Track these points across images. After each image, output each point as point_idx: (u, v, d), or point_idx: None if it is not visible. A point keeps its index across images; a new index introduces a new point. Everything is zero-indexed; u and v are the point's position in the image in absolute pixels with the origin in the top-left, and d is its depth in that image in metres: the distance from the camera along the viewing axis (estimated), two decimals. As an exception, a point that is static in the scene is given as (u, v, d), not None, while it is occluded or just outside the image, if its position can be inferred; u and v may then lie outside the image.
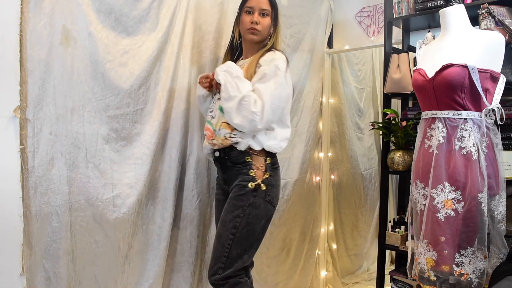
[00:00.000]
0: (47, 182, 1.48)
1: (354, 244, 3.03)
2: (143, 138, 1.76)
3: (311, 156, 2.67)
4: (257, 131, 1.63)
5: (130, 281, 1.77)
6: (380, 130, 2.32)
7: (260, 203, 1.64)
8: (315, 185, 2.76)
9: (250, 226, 1.63)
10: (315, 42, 2.67)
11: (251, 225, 1.63)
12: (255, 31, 1.70)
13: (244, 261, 1.65)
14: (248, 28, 1.70)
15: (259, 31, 1.70)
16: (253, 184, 1.63)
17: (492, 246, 1.65)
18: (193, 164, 1.94)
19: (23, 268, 1.44)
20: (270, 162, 1.69)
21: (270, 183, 1.67)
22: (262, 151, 1.68)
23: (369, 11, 2.76)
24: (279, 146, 1.71)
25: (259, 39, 1.73)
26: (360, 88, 2.98)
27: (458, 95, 1.62)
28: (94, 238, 1.63)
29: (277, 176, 1.73)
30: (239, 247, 1.63)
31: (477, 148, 1.60)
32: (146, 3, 1.74)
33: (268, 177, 1.66)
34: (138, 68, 1.72)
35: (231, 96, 1.58)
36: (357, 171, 2.96)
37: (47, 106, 1.47)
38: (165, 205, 1.84)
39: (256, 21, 1.68)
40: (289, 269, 2.58)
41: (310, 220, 2.72)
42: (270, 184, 1.67)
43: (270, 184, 1.67)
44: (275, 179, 1.70)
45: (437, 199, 1.63)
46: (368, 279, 3.06)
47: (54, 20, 1.47)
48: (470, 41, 1.68)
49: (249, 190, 1.63)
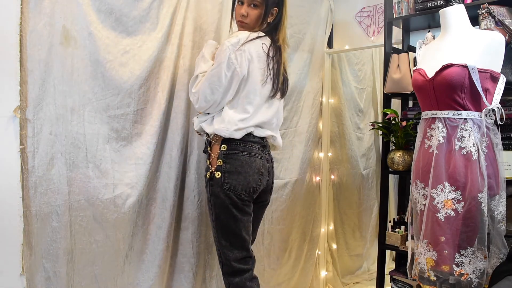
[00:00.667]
0: (47, 182, 1.48)
1: (354, 244, 3.03)
2: (144, 138, 1.76)
3: (311, 156, 2.67)
4: (201, 110, 1.68)
5: (130, 281, 1.77)
6: (380, 130, 2.32)
7: (219, 191, 1.61)
8: (315, 185, 2.76)
9: (220, 216, 1.64)
10: (315, 42, 2.67)
11: (221, 215, 1.63)
12: (243, 23, 1.69)
13: (236, 254, 1.65)
14: (238, 20, 1.72)
15: (247, 23, 1.69)
16: (208, 174, 1.64)
17: (492, 246, 1.65)
18: (194, 164, 1.94)
19: (23, 268, 1.44)
20: (225, 149, 1.63)
21: (226, 170, 1.61)
22: (220, 139, 1.65)
23: (369, 11, 2.76)
24: (226, 128, 1.61)
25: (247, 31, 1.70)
26: (360, 88, 2.98)
27: (458, 95, 1.62)
28: (94, 238, 1.63)
29: (237, 162, 1.62)
30: (222, 239, 1.64)
31: (477, 148, 1.60)
32: (146, 3, 1.74)
33: (221, 164, 1.62)
34: (138, 68, 1.72)
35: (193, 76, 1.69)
36: (357, 171, 2.96)
37: (47, 106, 1.47)
38: (165, 205, 1.84)
39: (244, 13, 1.66)
40: (289, 269, 2.57)
41: (310, 220, 2.72)
42: (227, 171, 1.61)
43: (227, 171, 1.61)
44: (233, 165, 1.62)
45: (437, 199, 1.64)
46: (369, 279, 3.06)
47: (54, 20, 1.47)
48: (470, 41, 1.68)
49: (207, 180, 1.65)
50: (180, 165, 1.88)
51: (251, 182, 1.64)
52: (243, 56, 1.60)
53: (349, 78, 2.92)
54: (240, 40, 1.61)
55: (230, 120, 1.62)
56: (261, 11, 1.67)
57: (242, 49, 1.60)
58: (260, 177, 1.67)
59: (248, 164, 1.64)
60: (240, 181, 1.62)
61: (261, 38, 1.67)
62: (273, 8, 1.69)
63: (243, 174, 1.62)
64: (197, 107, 1.67)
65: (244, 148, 1.65)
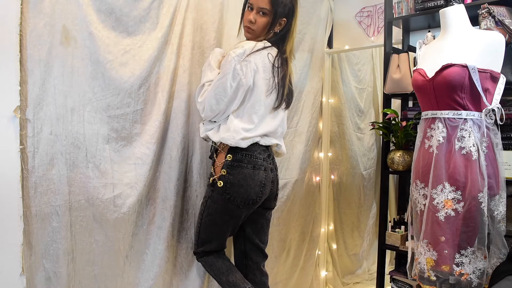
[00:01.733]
0: (47, 182, 1.48)
1: (354, 244, 3.03)
2: (143, 138, 1.75)
3: (311, 156, 2.67)
4: (207, 119, 1.71)
5: (131, 281, 1.77)
6: (380, 130, 2.32)
7: (218, 198, 1.67)
8: (315, 185, 2.76)
9: (211, 216, 1.71)
10: (315, 42, 2.67)
11: (212, 216, 1.71)
12: (249, 30, 1.70)
13: (212, 247, 1.77)
14: (244, 25, 1.73)
15: (253, 30, 1.69)
16: (211, 179, 1.70)
17: (492, 246, 1.65)
18: (197, 164, 1.94)
19: (23, 268, 1.44)
20: (231, 159, 1.65)
21: (229, 181, 1.64)
22: (226, 147, 1.67)
23: (369, 11, 2.76)
24: (232, 137, 1.62)
25: (253, 38, 1.72)
26: (360, 88, 2.98)
27: (458, 95, 1.62)
28: (94, 238, 1.63)
29: (240, 175, 1.65)
30: (204, 233, 1.75)
31: (477, 148, 1.60)
32: (146, 3, 1.74)
33: (225, 174, 1.65)
34: (138, 68, 1.72)
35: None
36: (357, 171, 2.96)
37: (47, 106, 1.47)
38: (165, 205, 1.84)
39: (252, 20, 1.67)
40: (289, 269, 2.57)
41: (310, 220, 2.72)
42: (230, 183, 1.64)
43: (229, 183, 1.64)
44: (236, 178, 1.64)
45: (437, 199, 1.64)
46: (369, 279, 3.06)
47: (55, 20, 1.47)
48: (470, 41, 1.68)
49: (209, 184, 1.72)
50: (180, 165, 1.88)
51: (252, 194, 1.67)
52: (249, 67, 1.61)
53: (349, 78, 2.92)
54: (245, 51, 1.61)
55: (235, 129, 1.64)
56: (269, 19, 1.67)
57: (248, 59, 1.61)
58: (262, 189, 1.70)
59: (251, 177, 1.66)
60: (241, 193, 1.65)
61: (267, 49, 1.67)
62: (281, 19, 1.68)
63: (245, 187, 1.65)
64: (203, 116, 1.70)
65: (249, 161, 1.67)
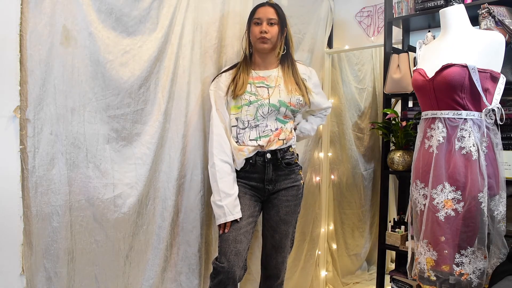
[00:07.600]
0: (48, 182, 1.48)
1: (355, 244, 3.03)
2: (144, 138, 1.75)
3: (311, 156, 2.67)
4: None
5: (131, 281, 1.77)
6: (380, 130, 2.32)
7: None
8: (315, 185, 2.76)
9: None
10: (315, 42, 2.66)
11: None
12: (265, 39, 1.79)
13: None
14: (258, 38, 1.80)
15: (269, 38, 1.80)
16: (302, 183, 1.94)
17: (492, 246, 1.65)
18: (199, 164, 1.94)
19: (23, 268, 1.44)
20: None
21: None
22: (294, 153, 1.92)
23: (369, 11, 2.76)
24: (293, 141, 1.95)
25: (270, 47, 1.82)
26: (360, 88, 2.98)
27: (458, 95, 1.62)
28: (95, 238, 1.63)
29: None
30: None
31: (477, 148, 1.60)
32: (146, 3, 1.74)
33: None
34: (138, 68, 1.72)
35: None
36: (357, 171, 2.96)
37: (48, 106, 1.47)
38: (165, 205, 1.84)
39: (265, 30, 1.79)
40: (289, 269, 2.57)
41: (310, 220, 2.72)
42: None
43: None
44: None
45: (437, 199, 1.64)
46: (369, 279, 3.06)
47: (55, 20, 1.47)
48: (470, 41, 1.68)
49: (302, 186, 1.94)
50: (180, 165, 1.88)
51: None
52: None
53: (349, 78, 2.92)
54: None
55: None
56: (279, 28, 1.82)
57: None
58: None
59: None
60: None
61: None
62: (284, 27, 1.85)
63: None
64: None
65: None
